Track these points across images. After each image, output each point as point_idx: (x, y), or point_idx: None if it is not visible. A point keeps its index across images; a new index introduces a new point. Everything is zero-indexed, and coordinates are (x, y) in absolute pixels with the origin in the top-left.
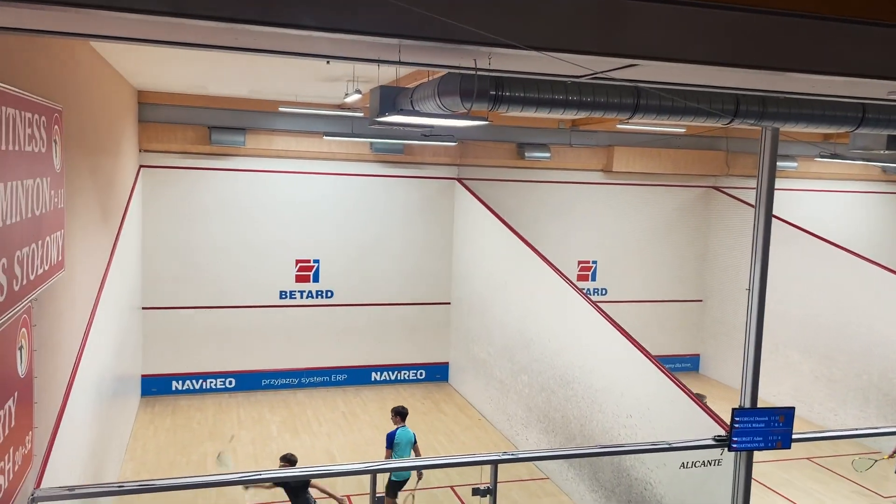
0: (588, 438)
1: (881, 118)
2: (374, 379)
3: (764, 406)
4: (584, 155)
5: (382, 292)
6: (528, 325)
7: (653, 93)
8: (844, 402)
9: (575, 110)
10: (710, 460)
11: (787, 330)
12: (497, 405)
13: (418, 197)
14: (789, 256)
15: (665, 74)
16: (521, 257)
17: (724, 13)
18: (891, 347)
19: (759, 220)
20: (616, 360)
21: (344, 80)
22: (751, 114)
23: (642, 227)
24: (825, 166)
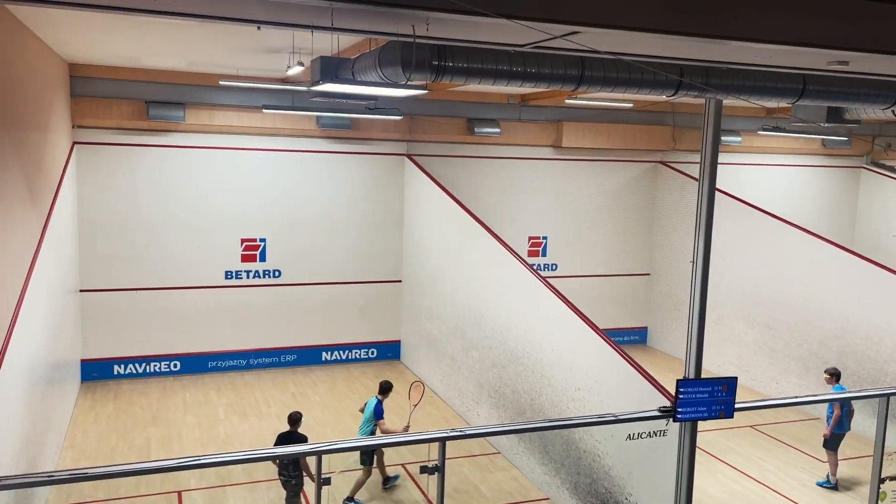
0: (538, 412)
1: (821, 89)
2: (324, 359)
3: (708, 377)
4: (533, 130)
5: (332, 271)
6: (479, 302)
7: (597, 64)
8: (785, 370)
9: (520, 81)
10: (655, 431)
11: (731, 301)
12: (449, 382)
13: (367, 173)
14: (734, 230)
15: (608, 43)
16: (471, 234)
17: None
18: (829, 317)
19: (702, 194)
20: (565, 335)
21: (285, 52)
22: (694, 85)
23: (592, 202)
24: (768, 140)
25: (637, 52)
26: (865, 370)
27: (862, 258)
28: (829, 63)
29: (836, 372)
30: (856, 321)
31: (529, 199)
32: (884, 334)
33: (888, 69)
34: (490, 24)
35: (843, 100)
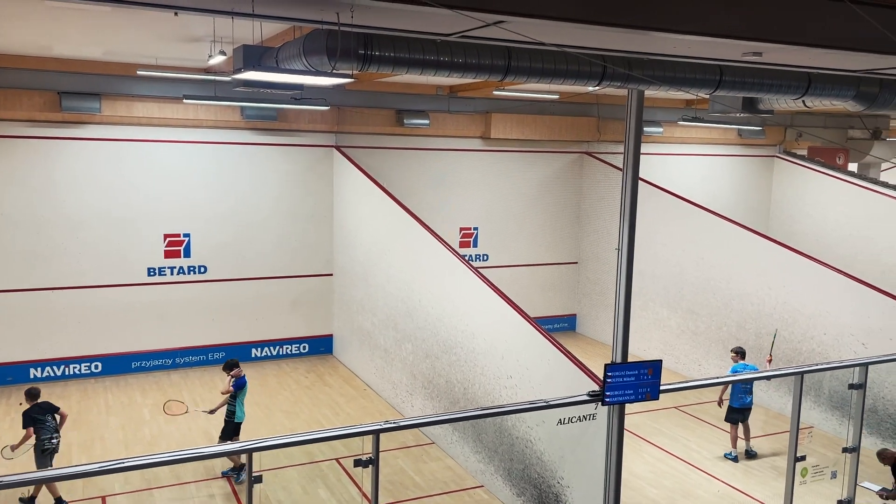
0: (471, 401)
1: (737, 80)
2: (254, 355)
3: (635, 360)
4: (462, 122)
5: (260, 265)
6: (412, 294)
7: (524, 55)
8: (707, 353)
9: (448, 71)
10: (585, 415)
11: (656, 287)
12: (382, 374)
13: (295, 165)
14: (657, 217)
15: (534, 32)
16: (402, 225)
17: None
18: (746, 300)
19: (626, 183)
20: (496, 324)
21: (207, 40)
22: (617, 76)
23: (521, 192)
24: (688, 130)
25: (562, 43)
26: (781, 350)
27: (777, 243)
28: (745, 54)
29: (741, 350)
30: (771, 304)
31: (460, 190)
32: (797, 315)
33: (799, 60)
34: (416, 13)
35: (757, 90)
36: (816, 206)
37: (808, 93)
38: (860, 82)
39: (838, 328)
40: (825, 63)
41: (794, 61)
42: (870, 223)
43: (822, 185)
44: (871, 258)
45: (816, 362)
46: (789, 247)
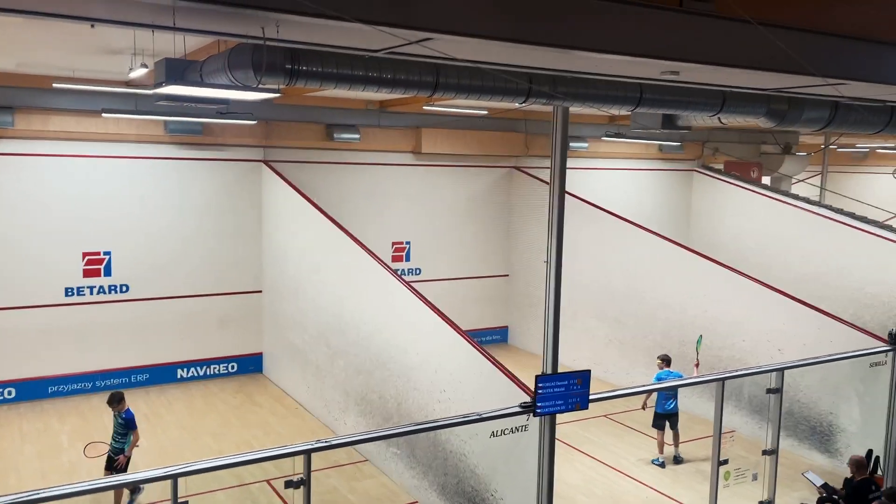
0: (405, 417)
1: (656, 98)
2: (180, 376)
3: (565, 371)
4: (393, 136)
5: (186, 283)
6: (344, 309)
7: (452, 71)
8: (634, 361)
9: (376, 87)
10: (517, 427)
11: (585, 298)
12: (314, 392)
13: (222, 180)
14: (584, 230)
15: (460, 50)
16: (334, 240)
17: None
18: (670, 309)
19: (553, 197)
20: (429, 338)
21: (127, 53)
22: (542, 93)
23: (452, 206)
24: (612, 146)
25: (489, 60)
26: (703, 357)
27: (697, 254)
28: (662, 73)
29: (667, 358)
30: (693, 312)
31: (392, 204)
32: (718, 323)
33: (713, 79)
34: (343, 28)
35: (675, 108)
36: (733, 217)
37: (722, 110)
38: (770, 100)
39: (756, 335)
40: (738, 82)
41: (709, 80)
42: (783, 233)
43: (738, 198)
44: (785, 266)
45: (736, 369)
46: (709, 257)
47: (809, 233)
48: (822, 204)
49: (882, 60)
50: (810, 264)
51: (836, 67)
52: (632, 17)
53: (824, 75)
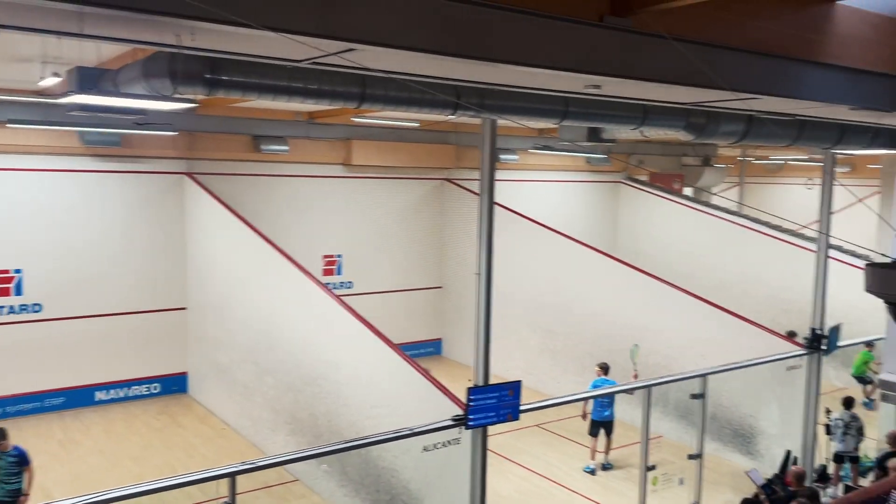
0: (336, 434)
1: (581, 111)
2: (98, 399)
3: (497, 382)
4: (323, 148)
5: (104, 302)
6: (273, 325)
7: (378, 83)
8: (565, 370)
9: (301, 97)
10: (449, 440)
11: (516, 309)
12: (242, 411)
13: (142, 193)
14: (516, 241)
15: (385, 61)
16: (262, 255)
17: (439, 2)
18: (599, 318)
19: (483, 209)
20: (361, 353)
21: (37, 61)
22: (470, 106)
23: (384, 219)
24: (541, 158)
25: (415, 72)
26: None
27: (624, 264)
28: (586, 86)
29: (605, 366)
30: (622, 321)
31: (322, 217)
32: (644, 331)
33: (634, 93)
34: (263, 38)
35: (600, 121)
36: (658, 227)
37: (644, 123)
38: (689, 114)
39: (681, 341)
40: (657, 96)
41: (630, 94)
42: (704, 243)
43: (662, 209)
44: (706, 274)
45: (662, 375)
46: (635, 267)
47: (729, 242)
48: (740, 214)
49: (789, 76)
50: (730, 272)
51: (746, 82)
52: (555, 32)
53: (735, 90)
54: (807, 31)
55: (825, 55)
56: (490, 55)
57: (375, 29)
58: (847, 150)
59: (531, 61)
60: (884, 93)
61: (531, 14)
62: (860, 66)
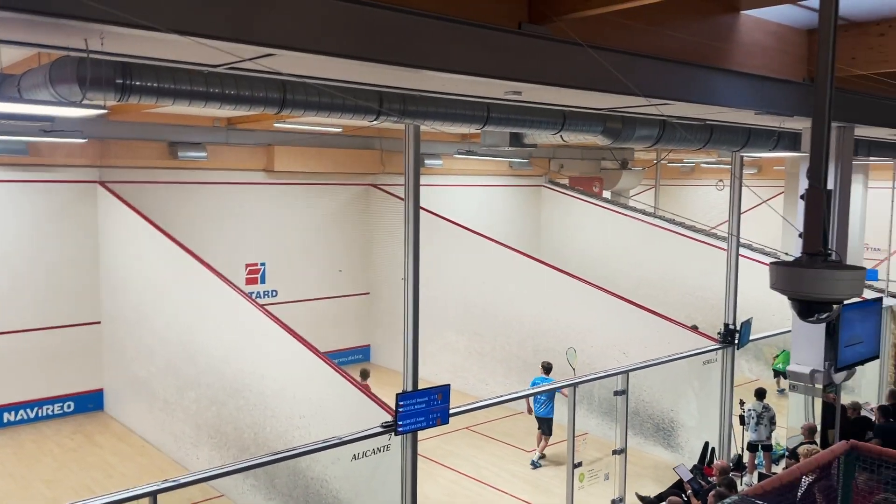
0: (262, 446)
1: (502, 117)
2: (6, 420)
3: (427, 387)
4: (243, 154)
5: (10, 317)
6: (193, 338)
7: (300, 88)
8: (493, 372)
9: (218, 103)
10: (379, 447)
11: (445, 313)
12: (163, 427)
13: (52, 204)
14: (442, 245)
15: (304, 67)
16: (181, 265)
17: (360, 8)
18: (525, 320)
19: (409, 214)
20: (287, 363)
21: None
22: (393, 111)
23: (309, 225)
24: (465, 163)
25: (335, 78)
26: (557, 364)
27: (547, 265)
28: (506, 92)
29: (547, 365)
30: (546, 321)
31: (244, 225)
32: (569, 331)
33: (553, 99)
34: (177, 42)
35: (521, 126)
36: (579, 229)
37: (563, 128)
38: (606, 119)
39: (603, 340)
40: (575, 102)
41: (549, 100)
42: (623, 243)
43: (582, 211)
44: (626, 274)
45: (587, 374)
46: (558, 268)
47: (646, 242)
48: (656, 215)
49: (699, 82)
50: (648, 271)
51: (658, 89)
52: (474, 39)
53: (648, 96)
54: (714, 39)
55: (731, 62)
56: (410, 61)
57: (294, 34)
58: (753, 152)
59: (451, 67)
60: (785, 98)
61: (451, 21)
62: (763, 73)
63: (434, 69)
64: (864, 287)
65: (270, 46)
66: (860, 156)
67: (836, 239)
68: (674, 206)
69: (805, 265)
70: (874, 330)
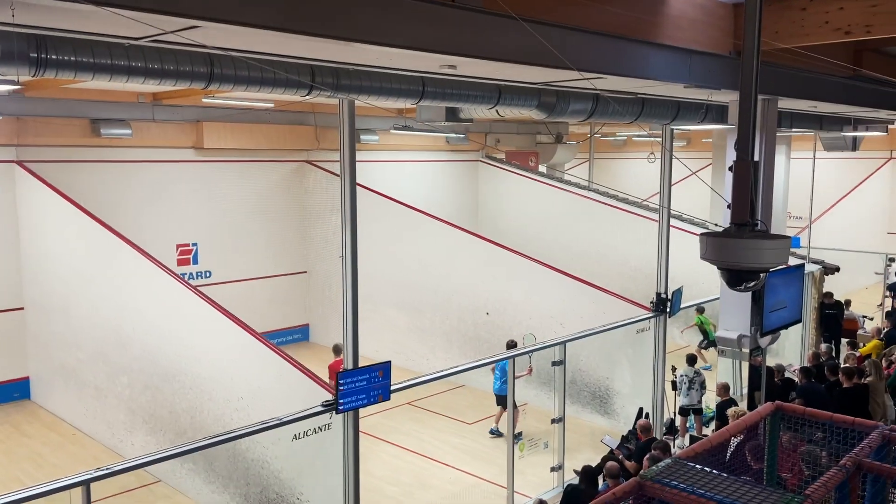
0: (200, 430)
1: (438, 91)
2: None
3: (367, 364)
4: (171, 131)
5: None
6: (124, 322)
7: (228, 62)
8: (434, 347)
9: (141, 78)
10: (320, 426)
11: (384, 289)
12: (95, 414)
13: None
14: (380, 222)
15: (232, 40)
16: (107, 247)
17: None
18: (464, 294)
19: (345, 191)
20: (223, 344)
21: None
22: (326, 85)
23: (242, 204)
24: (401, 138)
25: (265, 51)
26: (496, 337)
27: (485, 240)
28: (441, 66)
29: (512, 343)
30: (485, 296)
31: (174, 204)
32: (506, 304)
33: (488, 73)
34: (95, 13)
35: (456, 101)
36: (516, 203)
37: (499, 103)
38: (541, 93)
39: (541, 312)
40: (510, 76)
41: (484, 74)
42: (559, 217)
43: (519, 185)
44: (562, 246)
45: (525, 346)
46: (496, 242)
47: (581, 215)
48: (590, 188)
49: (629, 56)
50: (583, 243)
51: (591, 63)
52: (408, 11)
53: (581, 70)
54: (644, 13)
55: (661, 36)
56: (341, 34)
57: (218, 5)
58: (683, 125)
59: (384, 41)
60: (713, 71)
61: None
62: (692, 47)
63: (366, 42)
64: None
65: (194, 18)
66: (783, 128)
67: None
68: (607, 179)
69: (734, 235)
70: (797, 295)
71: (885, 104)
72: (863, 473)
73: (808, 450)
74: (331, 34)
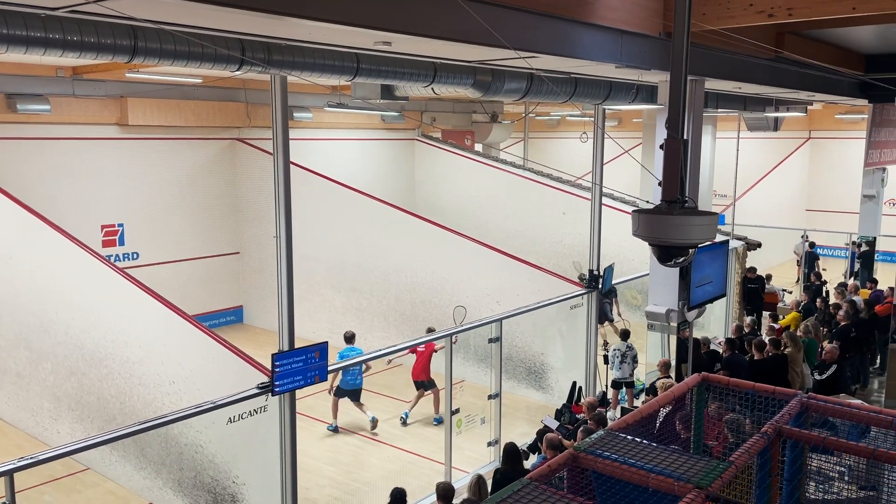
0: (129, 416)
1: (372, 68)
2: None
3: (304, 345)
4: (93, 107)
5: None
6: (46, 306)
7: (152, 34)
8: (371, 326)
9: (59, 51)
10: (256, 409)
11: (320, 270)
12: (17, 402)
13: None
14: (315, 201)
15: (156, 11)
16: (26, 228)
17: None
18: (402, 274)
19: (278, 169)
20: (152, 327)
21: None
22: (257, 60)
23: (170, 182)
24: (336, 116)
25: (192, 24)
26: (434, 315)
27: (422, 219)
28: (375, 43)
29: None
30: (422, 274)
31: (98, 183)
32: (444, 283)
33: (424, 51)
34: None
35: (392, 78)
36: (452, 182)
37: (435, 81)
38: (476, 72)
39: (478, 290)
40: (446, 54)
41: (420, 51)
42: (494, 195)
43: (455, 164)
44: (498, 225)
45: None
46: (433, 221)
47: (516, 194)
48: (525, 167)
49: (563, 36)
50: (518, 222)
51: (526, 42)
52: None
53: (516, 48)
54: None
55: (594, 16)
56: (274, 7)
57: None
58: (614, 105)
59: (318, 15)
60: (643, 52)
61: None
62: (623, 27)
63: (297, 16)
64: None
65: None
66: (709, 108)
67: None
68: (542, 157)
69: (665, 212)
70: (721, 270)
71: (806, 85)
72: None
73: (733, 418)
74: (262, 7)
